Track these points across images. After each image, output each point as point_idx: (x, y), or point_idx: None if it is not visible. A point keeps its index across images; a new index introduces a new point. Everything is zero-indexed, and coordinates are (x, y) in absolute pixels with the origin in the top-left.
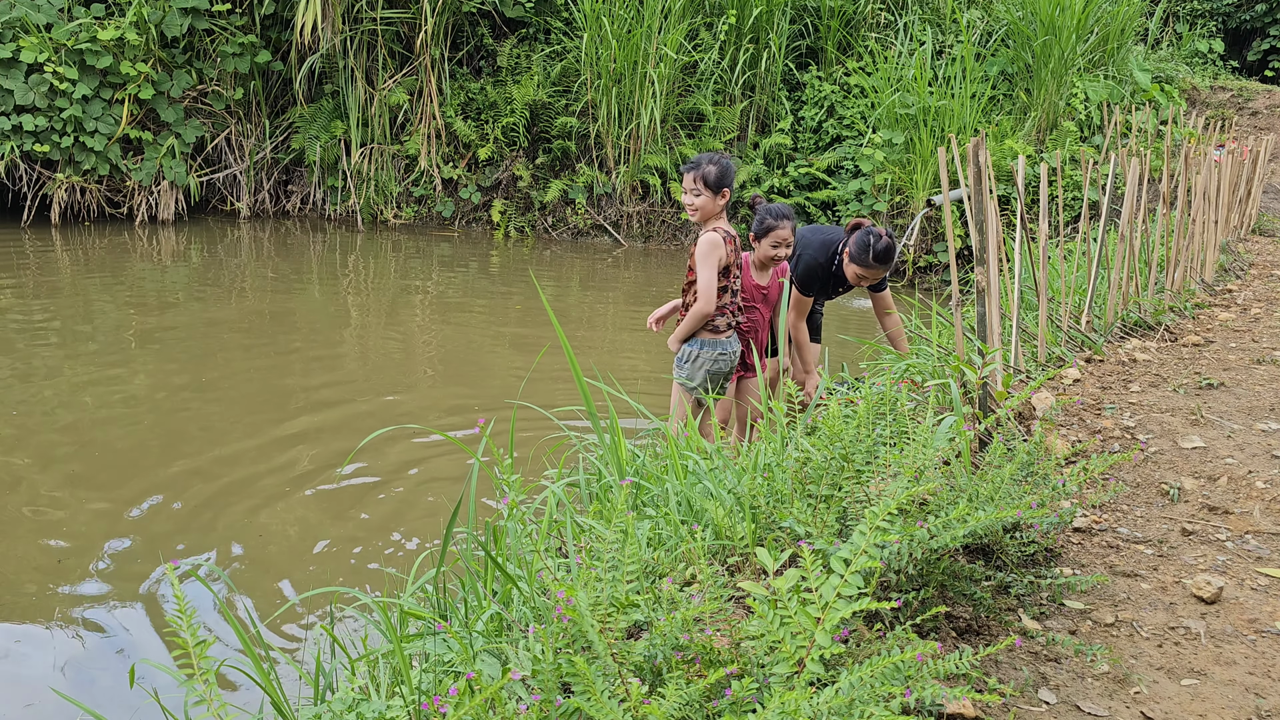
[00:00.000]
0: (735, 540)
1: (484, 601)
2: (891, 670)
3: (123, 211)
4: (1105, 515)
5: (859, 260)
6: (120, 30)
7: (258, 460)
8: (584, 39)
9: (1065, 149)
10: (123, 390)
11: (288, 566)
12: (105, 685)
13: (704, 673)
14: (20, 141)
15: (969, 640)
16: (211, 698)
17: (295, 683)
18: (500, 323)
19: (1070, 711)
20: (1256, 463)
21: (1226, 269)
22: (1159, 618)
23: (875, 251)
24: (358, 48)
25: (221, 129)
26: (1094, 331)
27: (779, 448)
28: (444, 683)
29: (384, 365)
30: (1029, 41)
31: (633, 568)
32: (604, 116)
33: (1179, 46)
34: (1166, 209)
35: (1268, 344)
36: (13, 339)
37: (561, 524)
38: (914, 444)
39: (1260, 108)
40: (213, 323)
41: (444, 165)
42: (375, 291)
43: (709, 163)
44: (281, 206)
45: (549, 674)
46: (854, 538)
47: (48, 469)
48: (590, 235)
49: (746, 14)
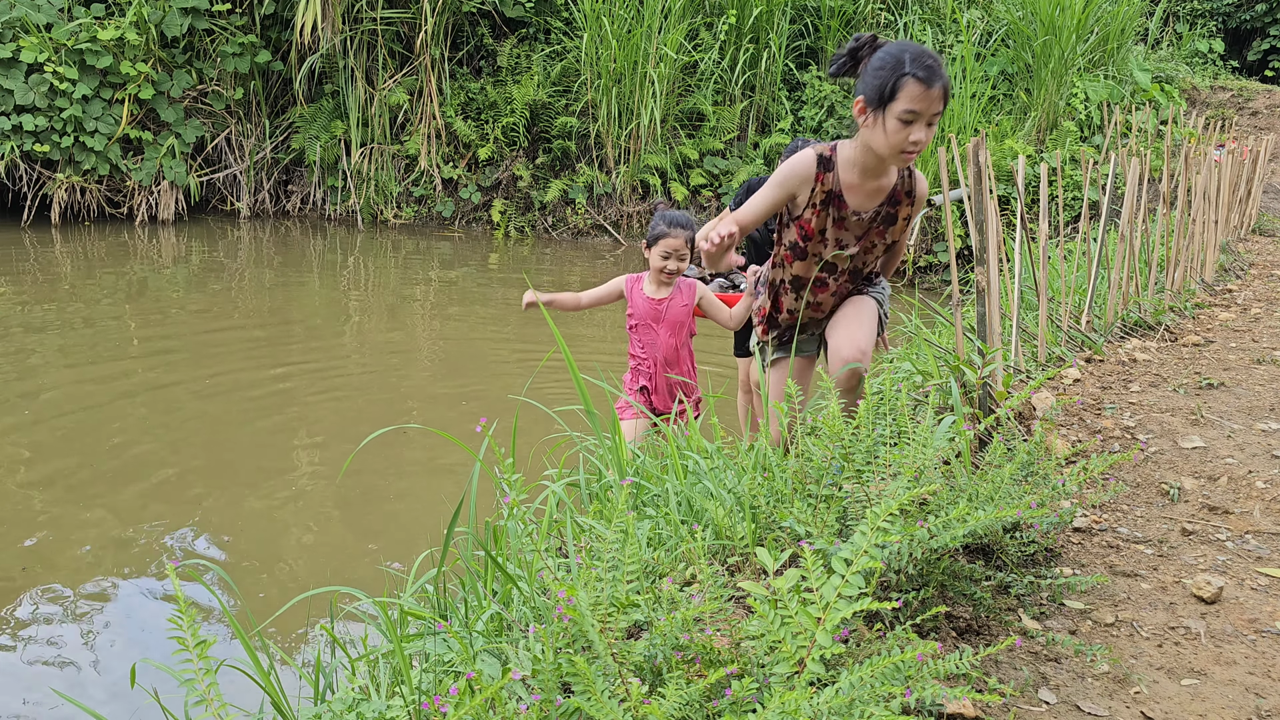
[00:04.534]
0: (735, 540)
1: (484, 601)
2: (892, 670)
3: (123, 211)
4: (1105, 515)
5: None
6: (120, 30)
7: (257, 460)
8: (584, 39)
9: (1065, 149)
10: (122, 390)
11: (288, 566)
12: (105, 685)
13: (704, 673)
14: (20, 141)
15: (969, 640)
16: (211, 697)
17: (295, 683)
18: (501, 322)
19: (1070, 711)
20: (1257, 463)
21: (1226, 269)
22: (1159, 618)
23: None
24: (358, 48)
25: (221, 129)
26: (1094, 331)
27: (779, 448)
28: (444, 683)
29: (384, 365)
30: (1029, 41)
31: (633, 568)
32: (604, 116)
33: (1179, 46)
34: (1166, 209)
35: (1268, 344)
36: (12, 339)
37: (562, 524)
38: (914, 444)
39: (1260, 108)
40: (212, 323)
41: (444, 165)
42: (375, 291)
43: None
44: (281, 206)
45: (549, 674)
46: (855, 538)
47: (47, 468)
48: (590, 235)
49: (746, 14)
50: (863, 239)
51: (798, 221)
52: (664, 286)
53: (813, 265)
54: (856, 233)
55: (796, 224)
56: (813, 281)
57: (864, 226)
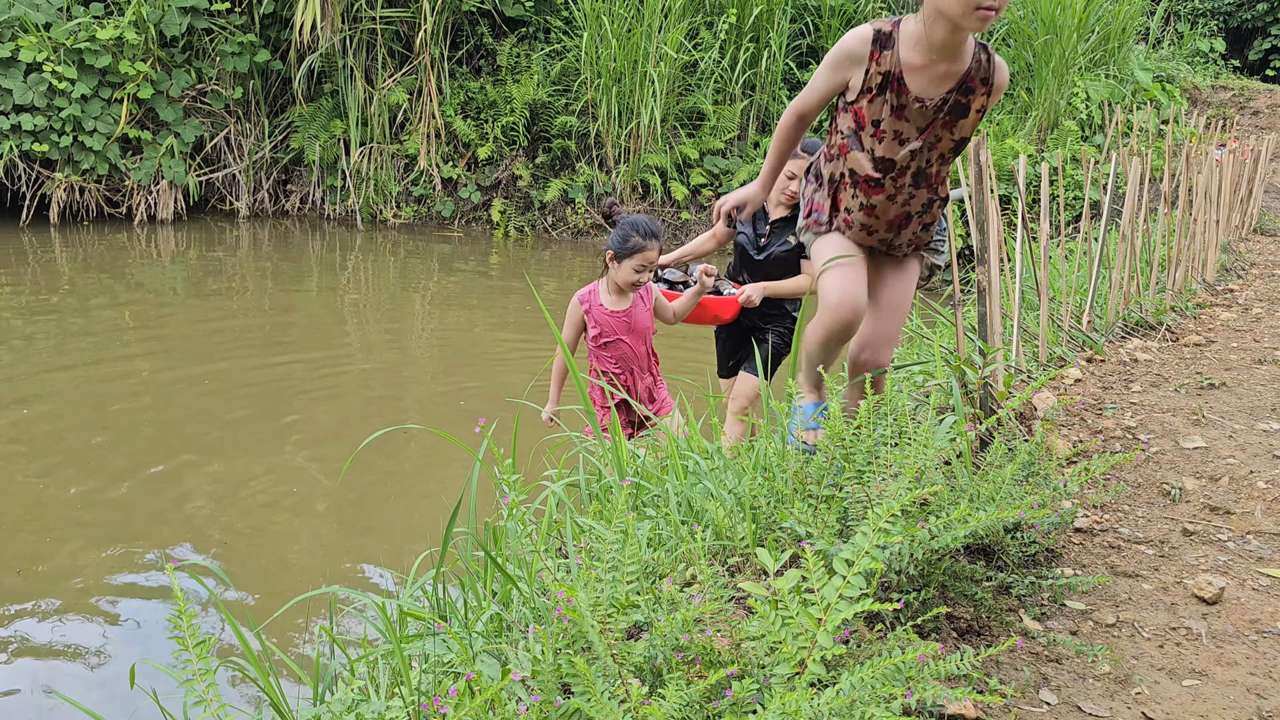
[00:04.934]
0: (736, 541)
1: (484, 602)
2: (893, 671)
3: (121, 211)
4: (1106, 515)
5: None
6: (119, 29)
7: (257, 460)
8: (584, 38)
9: (1066, 148)
10: (122, 390)
11: (287, 566)
12: (105, 685)
13: (704, 673)
14: (19, 141)
15: (970, 641)
16: (211, 698)
17: (295, 683)
18: (501, 322)
19: (1071, 712)
20: (1258, 463)
21: (1228, 268)
22: (1160, 618)
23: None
24: (357, 47)
25: (221, 128)
26: (1095, 331)
27: (780, 448)
28: (444, 683)
29: (383, 364)
30: (1030, 40)
31: (633, 568)
32: (604, 116)
33: (1180, 46)
34: (1168, 208)
35: (1269, 344)
36: (11, 339)
37: (561, 524)
38: (915, 444)
39: (1261, 107)
40: (212, 322)
41: (444, 165)
42: (375, 291)
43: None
44: (281, 206)
45: (549, 674)
46: (856, 538)
47: (45, 468)
48: (590, 235)
49: (747, 13)
50: (925, 133)
51: (853, 108)
52: (624, 296)
53: (869, 161)
54: (919, 124)
55: (852, 110)
56: (866, 181)
57: (928, 117)
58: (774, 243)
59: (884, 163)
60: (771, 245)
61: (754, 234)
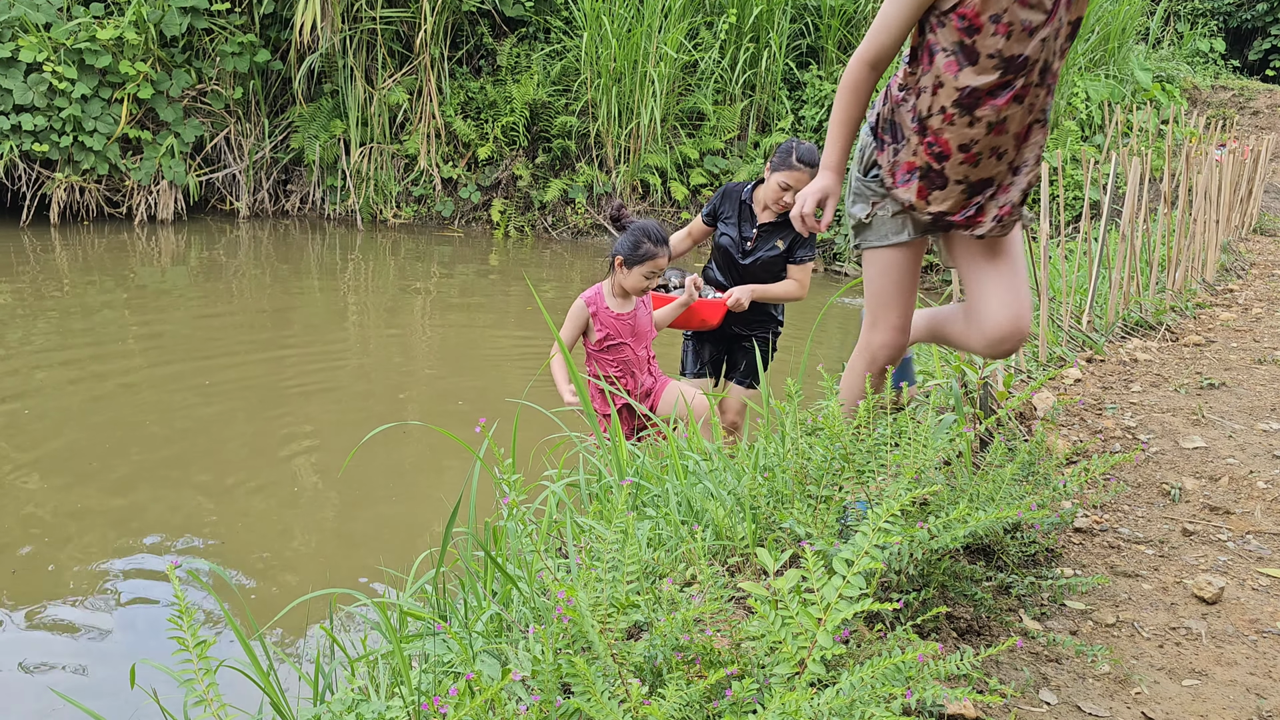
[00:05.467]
0: (735, 541)
1: (484, 602)
2: (892, 671)
3: (122, 211)
4: (1106, 515)
5: (781, 164)
6: (119, 29)
7: (257, 459)
8: (584, 38)
9: (1066, 148)
10: (122, 390)
11: (287, 566)
12: (105, 685)
13: (704, 673)
14: (19, 141)
15: (970, 641)
16: (211, 698)
17: (295, 683)
18: (501, 322)
19: (1071, 712)
20: (1258, 463)
21: (1228, 268)
22: (1160, 618)
23: (799, 151)
24: (357, 47)
25: (221, 128)
26: (1095, 331)
27: (779, 448)
28: (444, 683)
29: (383, 364)
30: None
31: (633, 568)
32: (604, 116)
33: (1180, 46)
34: (1168, 208)
35: (1269, 344)
36: (11, 339)
37: (561, 524)
38: (915, 444)
39: (1261, 107)
40: (212, 322)
41: (443, 165)
42: (375, 291)
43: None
44: (281, 206)
45: (549, 674)
46: (856, 538)
47: (45, 468)
48: (590, 235)
49: (747, 13)
50: (1052, 15)
51: (958, 11)
52: (628, 300)
53: (994, 65)
54: (1046, 4)
55: (955, 15)
56: (989, 92)
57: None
58: (761, 247)
59: (1012, 62)
60: (759, 250)
61: (739, 237)
